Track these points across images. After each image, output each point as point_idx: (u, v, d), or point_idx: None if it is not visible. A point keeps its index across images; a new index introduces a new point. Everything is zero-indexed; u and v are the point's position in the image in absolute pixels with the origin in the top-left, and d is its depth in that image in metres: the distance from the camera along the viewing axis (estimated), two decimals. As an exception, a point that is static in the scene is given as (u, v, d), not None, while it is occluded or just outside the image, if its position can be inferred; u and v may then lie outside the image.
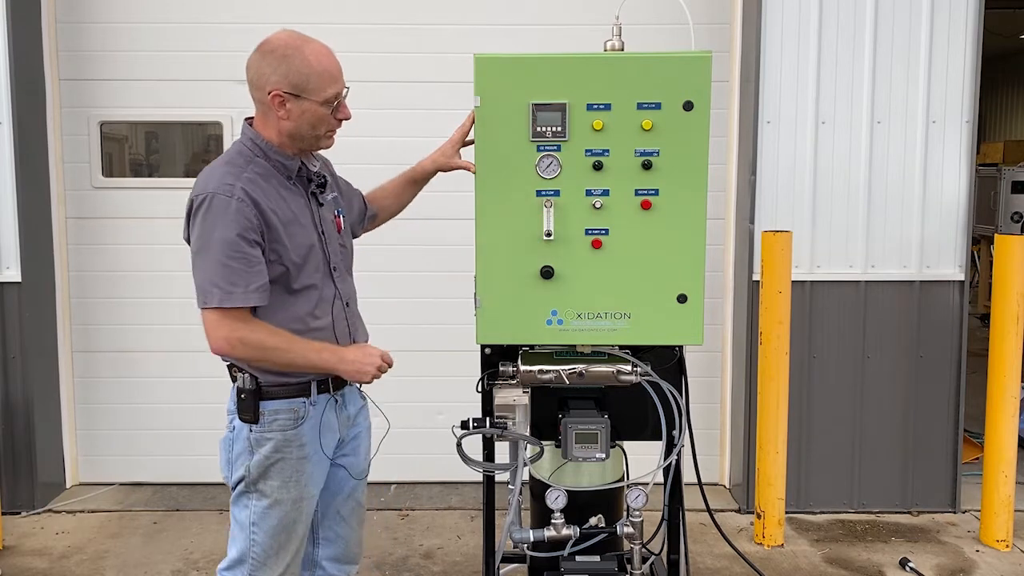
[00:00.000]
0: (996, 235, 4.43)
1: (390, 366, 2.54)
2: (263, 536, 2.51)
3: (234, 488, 2.53)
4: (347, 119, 2.49)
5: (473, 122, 2.60)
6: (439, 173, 2.90)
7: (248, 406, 2.46)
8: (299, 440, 2.49)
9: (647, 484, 2.63)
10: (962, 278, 4.54)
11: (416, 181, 2.94)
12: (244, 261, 2.33)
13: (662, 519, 2.77)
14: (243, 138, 2.49)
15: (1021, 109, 18.91)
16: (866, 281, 4.53)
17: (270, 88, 2.38)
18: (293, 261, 2.43)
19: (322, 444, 2.55)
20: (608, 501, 2.81)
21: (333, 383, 2.54)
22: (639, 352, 2.61)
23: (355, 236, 2.87)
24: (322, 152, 2.65)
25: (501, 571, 2.85)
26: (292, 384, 2.47)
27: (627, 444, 2.82)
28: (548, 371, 2.55)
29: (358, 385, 2.70)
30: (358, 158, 4.76)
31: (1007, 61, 17.50)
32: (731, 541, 3.33)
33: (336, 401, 2.58)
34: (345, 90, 2.46)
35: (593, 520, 2.74)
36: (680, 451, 2.65)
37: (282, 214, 2.41)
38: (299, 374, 2.47)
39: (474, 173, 2.57)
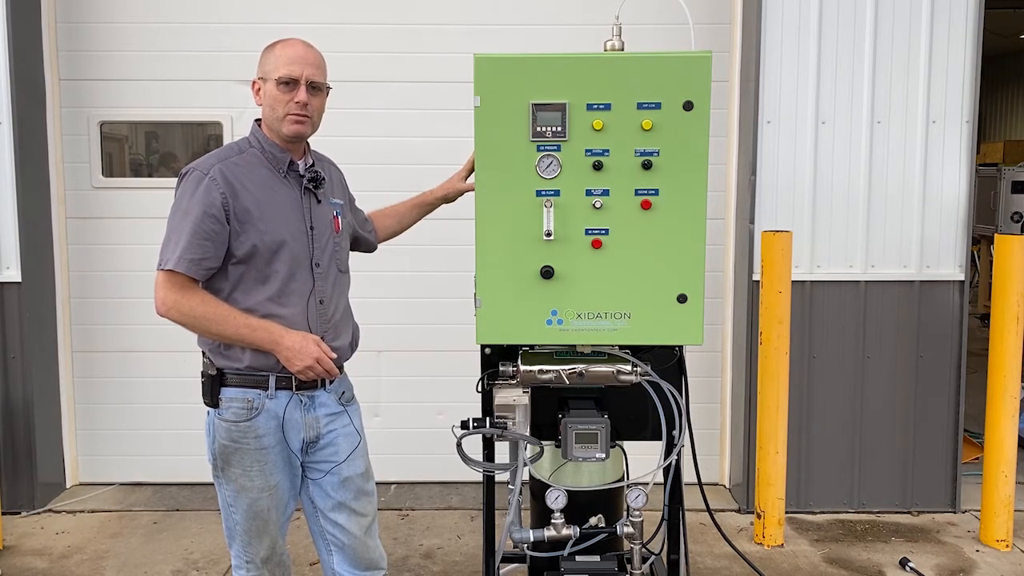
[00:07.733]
0: (996, 235, 4.43)
1: (328, 373, 2.56)
2: (241, 517, 2.63)
3: (212, 469, 2.66)
4: (300, 103, 2.53)
5: None
6: (445, 199, 3.06)
7: (207, 390, 2.58)
8: (254, 431, 2.56)
9: (647, 484, 2.63)
10: (962, 278, 4.54)
11: (421, 206, 3.09)
12: (192, 232, 2.44)
13: (662, 519, 2.77)
14: (248, 133, 2.65)
15: (1021, 109, 18.90)
16: (866, 281, 4.53)
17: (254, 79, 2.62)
18: (265, 243, 2.51)
19: (287, 439, 2.59)
20: (608, 501, 2.81)
21: (296, 381, 2.58)
22: (639, 352, 2.61)
23: (360, 250, 2.99)
24: (337, 167, 2.85)
25: (501, 571, 2.85)
26: (246, 373, 2.55)
27: (627, 444, 2.82)
28: (548, 371, 2.55)
29: (340, 394, 2.73)
30: (360, 158, 4.81)
31: (1007, 61, 17.50)
32: (731, 541, 3.33)
33: (302, 401, 2.61)
34: (304, 79, 2.53)
35: (593, 520, 2.74)
36: (680, 451, 2.65)
37: (262, 198, 2.53)
38: (253, 364, 2.53)
39: None
